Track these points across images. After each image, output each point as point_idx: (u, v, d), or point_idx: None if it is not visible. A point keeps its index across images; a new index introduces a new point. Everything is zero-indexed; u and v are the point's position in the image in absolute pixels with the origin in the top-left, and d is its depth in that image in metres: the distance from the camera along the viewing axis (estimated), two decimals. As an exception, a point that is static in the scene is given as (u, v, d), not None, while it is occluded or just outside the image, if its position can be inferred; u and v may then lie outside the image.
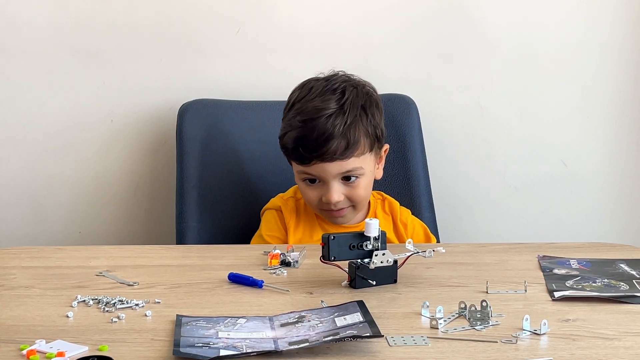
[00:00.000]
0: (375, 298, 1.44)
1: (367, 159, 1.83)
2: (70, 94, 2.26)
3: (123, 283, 1.53)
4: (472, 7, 2.24)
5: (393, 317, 1.37)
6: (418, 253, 1.50)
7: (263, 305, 1.42)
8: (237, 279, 1.52)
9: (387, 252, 1.49)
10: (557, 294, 1.45)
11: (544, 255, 1.67)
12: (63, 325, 1.34)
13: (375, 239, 1.49)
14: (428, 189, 2.15)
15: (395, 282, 1.51)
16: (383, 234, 1.50)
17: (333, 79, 1.86)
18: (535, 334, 1.30)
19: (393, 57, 2.26)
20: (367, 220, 1.49)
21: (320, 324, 1.32)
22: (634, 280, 1.51)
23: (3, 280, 1.54)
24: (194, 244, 2.06)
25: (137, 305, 1.41)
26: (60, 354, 1.22)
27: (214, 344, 1.25)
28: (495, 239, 2.29)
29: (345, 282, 1.51)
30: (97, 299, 1.43)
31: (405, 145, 2.14)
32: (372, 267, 1.48)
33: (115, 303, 1.41)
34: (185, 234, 2.09)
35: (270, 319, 1.35)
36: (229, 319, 1.35)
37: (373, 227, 1.48)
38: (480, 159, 2.31)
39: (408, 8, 2.24)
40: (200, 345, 1.24)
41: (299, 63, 2.24)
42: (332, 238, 1.48)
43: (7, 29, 2.22)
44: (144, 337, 1.30)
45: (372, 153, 1.84)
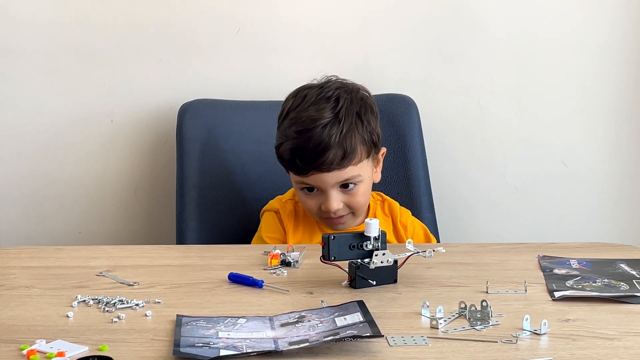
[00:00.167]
0: (376, 298, 1.44)
1: (364, 166, 1.81)
2: (70, 94, 2.26)
3: (123, 283, 1.53)
4: (472, 7, 2.24)
5: (393, 317, 1.37)
6: (418, 253, 1.50)
7: (263, 305, 1.42)
8: (237, 279, 1.52)
9: (387, 252, 1.49)
10: (557, 294, 1.45)
11: (544, 255, 1.67)
12: (63, 325, 1.34)
13: (375, 239, 1.49)
14: (428, 189, 2.15)
15: (396, 282, 1.51)
16: (383, 234, 1.50)
17: (327, 86, 1.83)
18: (536, 334, 1.29)
19: (393, 57, 2.26)
20: (367, 220, 1.49)
21: (321, 324, 1.32)
22: (634, 280, 1.51)
23: (3, 280, 1.54)
24: (194, 244, 2.06)
25: (137, 305, 1.41)
26: (61, 354, 1.22)
27: (214, 344, 1.25)
28: (495, 239, 2.29)
29: (346, 282, 1.51)
30: (97, 299, 1.43)
31: (405, 145, 2.14)
32: (372, 267, 1.48)
33: (116, 303, 1.41)
34: (185, 234, 2.09)
35: (271, 319, 1.35)
36: (229, 319, 1.35)
37: (373, 227, 1.48)
38: (480, 159, 2.31)
39: (408, 8, 2.24)
40: (201, 345, 1.24)
41: (299, 63, 2.24)
42: (332, 238, 1.48)
43: (7, 29, 2.22)
44: (144, 337, 1.30)
45: (369, 159, 1.83)
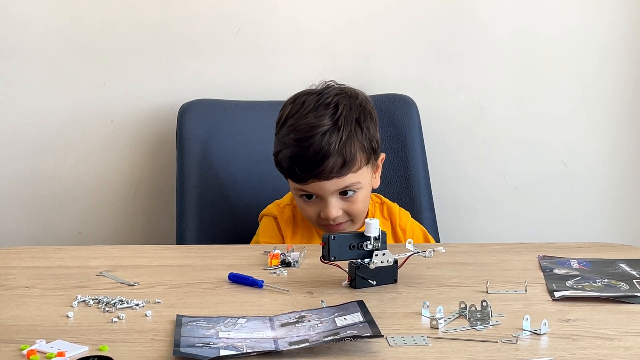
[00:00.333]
0: (376, 298, 1.44)
1: (364, 173, 1.80)
2: (70, 94, 2.26)
3: (123, 283, 1.53)
4: (472, 7, 2.24)
5: (393, 317, 1.37)
6: (418, 253, 1.50)
7: (263, 305, 1.42)
8: (237, 279, 1.52)
9: (387, 252, 1.49)
10: (557, 294, 1.45)
11: (544, 255, 1.67)
12: (63, 325, 1.34)
13: (376, 239, 1.49)
14: (428, 189, 2.15)
15: (396, 282, 1.51)
16: (383, 234, 1.50)
17: (326, 92, 1.81)
18: (536, 334, 1.29)
19: (393, 57, 2.26)
20: (367, 220, 1.49)
21: (321, 324, 1.32)
22: (634, 280, 1.51)
23: (3, 280, 1.54)
24: (194, 244, 2.06)
25: (137, 305, 1.41)
26: (61, 354, 1.22)
27: (214, 344, 1.25)
28: (495, 239, 2.29)
29: (346, 282, 1.51)
30: (97, 299, 1.43)
31: (405, 145, 2.14)
32: (372, 267, 1.48)
33: (116, 303, 1.41)
34: (185, 234, 2.09)
35: (271, 319, 1.35)
36: (229, 319, 1.35)
37: (373, 227, 1.48)
38: (480, 159, 2.31)
39: (408, 8, 2.24)
40: (201, 345, 1.24)
41: (299, 63, 2.24)
42: (332, 238, 1.48)
43: (7, 30, 2.22)
44: (144, 337, 1.30)
45: (368, 165, 1.81)
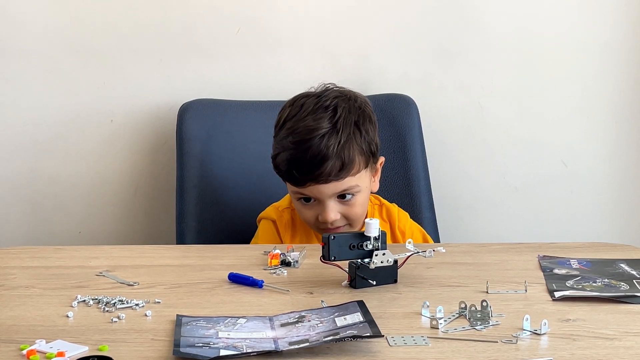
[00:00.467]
0: (376, 298, 1.44)
1: (362, 176, 1.79)
2: (70, 94, 2.26)
3: (123, 283, 1.53)
4: (472, 7, 2.24)
5: (393, 317, 1.37)
6: (418, 253, 1.50)
7: (263, 305, 1.42)
8: (237, 279, 1.52)
9: (387, 252, 1.49)
10: (557, 294, 1.45)
11: (544, 255, 1.67)
12: (63, 325, 1.34)
13: (376, 239, 1.49)
14: (428, 189, 2.15)
15: (396, 282, 1.51)
16: (383, 234, 1.50)
17: (324, 95, 1.80)
18: (536, 334, 1.29)
19: (393, 56, 2.26)
20: (367, 220, 1.49)
21: (321, 324, 1.32)
22: (634, 280, 1.51)
23: (3, 280, 1.54)
24: (194, 244, 2.06)
25: (137, 305, 1.41)
26: (60, 354, 1.22)
27: (214, 344, 1.25)
28: (495, 239, 2.29)
29: (346, 282, 1.51)
30: (97, 299, 1.43)
31: (405, 145, 2.14)
32: (372, 267, 1.48)
33: (115, 303, 1.41)
34: (185, 234, 2.09)
35: (271, 319, 1.35)
36: (229, 319, 1.35)
37: (373, 227, 1.48)
38: (480, 159, 2.31)
39: (408, 8, 2.24)
40: (201, 345, 1.24)
41: (299, 63, 2.24)
42: (332, 238, 1.48)
43: (7, 29, 2.22)
44: (144, 337, 1.30)
45: (367, 169, 1.81)
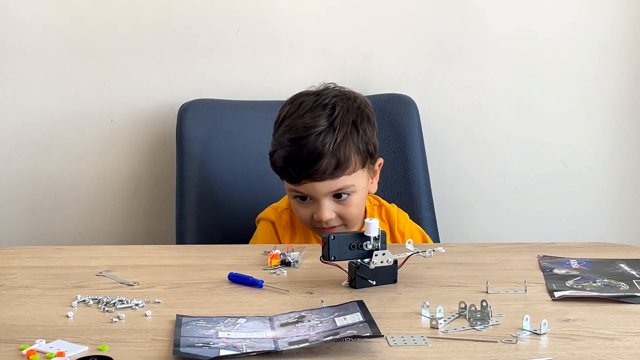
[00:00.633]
0: (375, 298, 1.44)
1: (359, 176, 1.79)
2: (70, 94, 2.26)
3: (123, 283, 1.53)
4: (472, 7, 2.24)
5: (393, 317, 1.37)
6: (418, 253, 1.50)
7: (263, 305, 1.42)
8: (237, 279, 1.52)
9: (387, 252, 1.49)
10: (557, 294, 1.45)
11: (544, 255, 1.67)
12: (63, 325, 1.34)
13: (375, 239, 1.49)
14: (428, 189, 2.15)
15: (395, 282, 1.51)
16: (383, 234, 1.50)
17: (324, 94, 1.81)
18: (535, 334, 1.29)
19: (393, 56, 2.26)
20: (367, 220, 1.49)
21: (320, 324, 1.32)
22: (634, 280, 1.51)
23: (3, 280, 1.54)
24: (194, 244, 2.06)
25: (137, 305, 1.41)
26: (60, 354, 1.22)
27: (214, 344, 1.25)
28: (495, 239, 2.29)
29: (345, 282, 1.51)
30: (97, 299, 1.43)
31: (405, 145, 2.14)
32: (372, 267, 1.48)
33: (115, 303, 1.41)
34: (185, 234, 2.09)
35: (270, 319, 1.35)
36: (229, 319, 1.35)
37: (373, 227, 1.48)
38: (480, 159, 2.31)
39: (408, 8, 2.24)
40: (200, 345, 1.24)
41: (299, 63, 2.24)
42: (332, 238, 1.48)
43: (7, 30, 2.22)
44: (144, 337, 1.30)
45: (364, 169, 1.81)
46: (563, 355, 1.23)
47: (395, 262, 1.51)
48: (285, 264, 1.61)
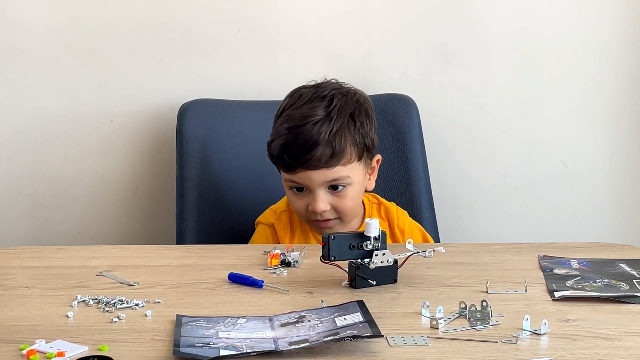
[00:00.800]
0: (375, 298, 1.44)
1: (354, 169, 1.80)
2: (70, 94, 2.26)
3: (123, 283, 1.53)
4: (472, 6, 2.24)
5: (393, 317, 1.37)
6: (418, 253, 1.50)
7: (263, 305, 1.42)
8: (237, 279, 1.52)
9: (387, 252, 1.49)
10: (557, 294, 1.45)
11: (544, 255, 1.67)
12: (63, 325, 1.34)
13: (375, 239, 1.49)
14: (428, 189, 2.15)
15: (396, 282, 1.51)
16: (383, 234, 1.50)
17: (323, 86, 1.83)
18: (536, 334, 1.29)
19: (393, 56, 2.26)
20: (367, 220, 1.49)
21: (321, 324, 1.32)
22: (634, 280, 1.51)
23: (3, 280, 1.54)
24: (194, 244, 2.06)
25: (137, 305, 1.41)
26: (60, 354, 1.22)
27: (214, 344, 1.25)
28: (495, 239, 2.29)
29: (345, 282, 1.51)
30: (97, 299, 1.43)
31: (405, 145, 2.14)
32: (372, 267, 1.48)
33: (115, 303, 1.41)
34: (185, 234, 2.09)
35: (270, 319, 1.35)
36: (229, 319, 1.35)
37: (373, 227, 1.48)
38: (480, 159, 2.31)
39: (408, 7, 2.24)
40: (201, 345, 1.24)
41: (299, 63, 2.24)
42: (332, 238, 1.48)
43: (7, 29, 2.22)
44: (144, 337, 1.30)
45: (360, 163, 1.81)
46: (563, 355, 1.23)
47: (396, 262, 1.51)
48: (285, 264, 1.61)
